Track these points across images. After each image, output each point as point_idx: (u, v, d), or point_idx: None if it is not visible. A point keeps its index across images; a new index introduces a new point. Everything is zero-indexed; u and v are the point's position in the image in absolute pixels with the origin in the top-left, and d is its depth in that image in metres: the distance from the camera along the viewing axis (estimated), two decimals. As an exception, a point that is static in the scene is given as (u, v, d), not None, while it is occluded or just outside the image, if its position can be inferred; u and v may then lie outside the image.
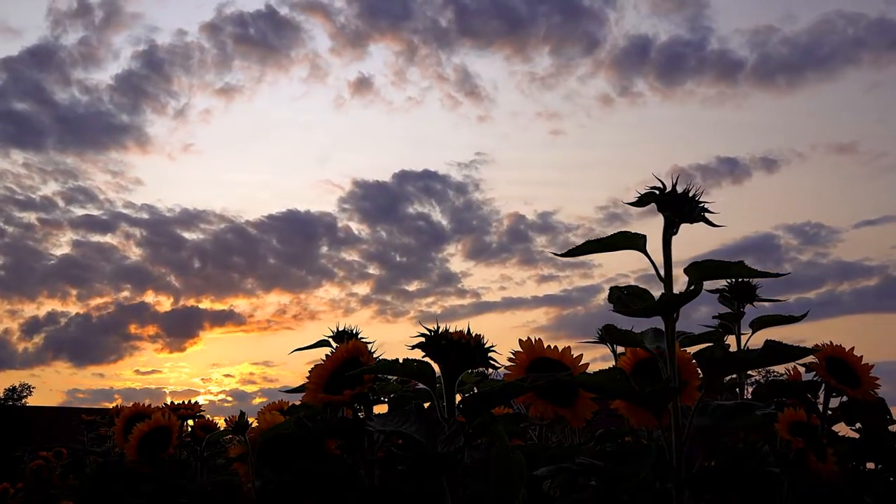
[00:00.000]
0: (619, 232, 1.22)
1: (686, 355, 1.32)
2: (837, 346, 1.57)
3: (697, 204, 1.19)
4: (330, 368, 1.44)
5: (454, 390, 1.23)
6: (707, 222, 1.20)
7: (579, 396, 1.35)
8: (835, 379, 1.54)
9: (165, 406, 2.51)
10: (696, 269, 1.20)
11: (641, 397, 1.21)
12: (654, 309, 1.20)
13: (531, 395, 1.34)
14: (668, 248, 1.20)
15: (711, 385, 1.24)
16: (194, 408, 2.56)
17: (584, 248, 1.25)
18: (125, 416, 2.33)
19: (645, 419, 1.32)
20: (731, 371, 1.29)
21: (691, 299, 1.19)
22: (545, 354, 1.36)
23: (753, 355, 1.23)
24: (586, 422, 1.38)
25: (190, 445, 2.45)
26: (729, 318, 1.89)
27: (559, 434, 2.33)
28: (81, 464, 3.73)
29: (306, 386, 1.45)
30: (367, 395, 1.45)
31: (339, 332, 1.73)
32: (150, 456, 2.13)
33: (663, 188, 1.19)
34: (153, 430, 2.16)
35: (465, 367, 1.23)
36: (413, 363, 1.26)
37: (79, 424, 4.27)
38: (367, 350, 1.45)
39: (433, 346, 1.22)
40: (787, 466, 1.47)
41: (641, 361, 1.40)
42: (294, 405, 1.71)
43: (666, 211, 1.20)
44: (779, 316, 1.80)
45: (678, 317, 1.21)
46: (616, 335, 1.38)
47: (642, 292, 1.27)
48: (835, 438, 1.64)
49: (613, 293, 1.27)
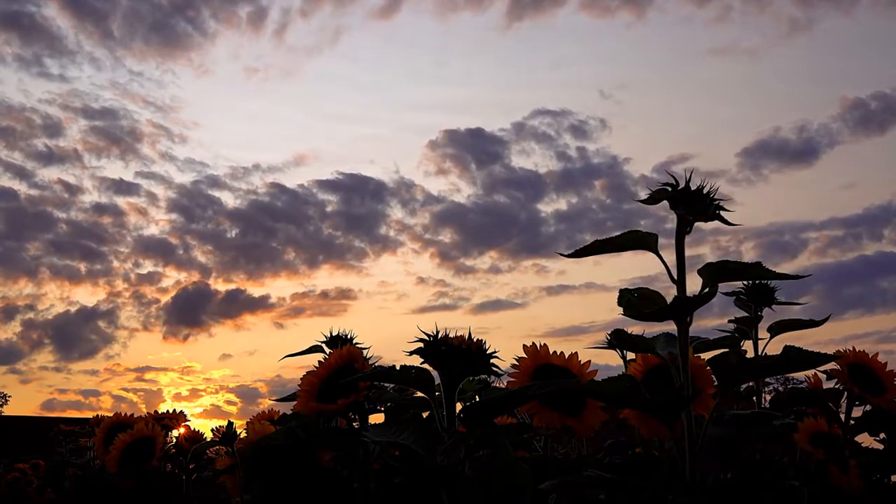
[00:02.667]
0: (629, 231, 1.22)
1: (700, 362, 1.32)
2: (860, 352, 1.57)
3: (713, 201, 1.19)
4: (323, 376, 1.45)
5: (454, 399, 1.23)
6: (722, 220, 1.20)
7: (587, 405, 1.35)
8: (858, 387, 1.54)
9: (149, 415, 2.51)
10: (710, 270, 1.21)
11: (653, 406, 1.21)
12: (666, 312, 1.20)
13: (536, 404, 1.34)
14: (680, 247, 1.20)
15: (727, 393, 1.24)
16: (179, 418, 2.56)
17: (592, 248, 1.25)
18: (106, 425, 2.33)
19: (656, 429, 1.32)
20: (747, 378, 1.29)
21: (706, 302, 1.19)
22: (551, 361, 1.36)
23: (771, 362, 1.24)
24: (594, 432, 1.38)
25: (175, 457, 2.46)
26: (745, 323, 1.89)
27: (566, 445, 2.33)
28: (60, 477, 3.73)
29: (297, 394, 1.45)
30: (362, 404, 1.45)
31: (332, 338, 1.73)
32: (132, 468, 2.14)
33: (676, 185, 1.19)
34: (136, 440, 2.16)
35: (466, 375, 1.23)
36: (411, 370, 1.26)
37: (57, 435, 4.27)
38: (363, 356, 1.45)
39: (432, 353, 1.22)
40: (807, 479, 1.47)
41: (653, 368, 1.40)
42: (285, 414, 1.71)
43: (679, 208, 1.20)
44: (799, 320, 1.80)
45: (692, 321, 1.21)
46: (626, 340, 1.38)
47: (654, 295, 1.27)
48: (857, 449, 1.64)
49: (623, 296, 1.27)
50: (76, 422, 4.44)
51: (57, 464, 3.91)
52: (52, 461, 4.12)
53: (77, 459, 3.75)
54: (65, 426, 4.30)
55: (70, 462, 3.70)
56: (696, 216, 1.20)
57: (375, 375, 1.34)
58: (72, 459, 3.83)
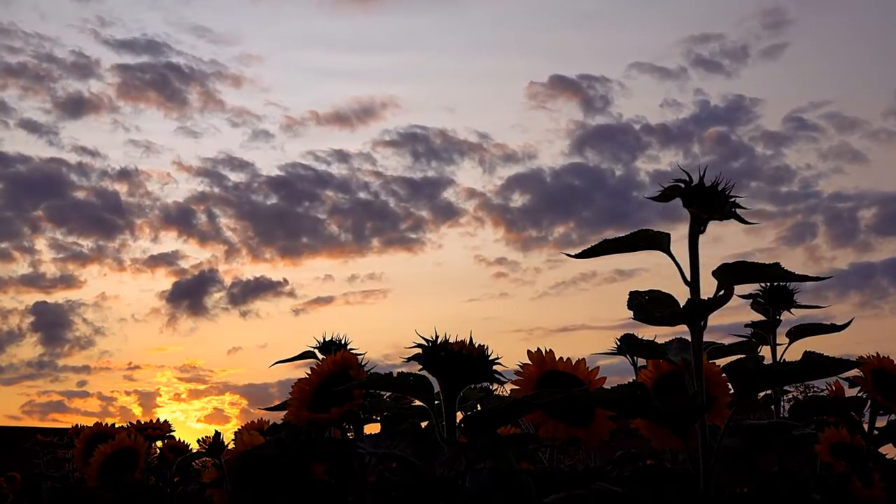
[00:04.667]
0: (639, 230, 1.22)
1: (715, 368, 1.32)
2: (884, 358, 1.57)
3: (728, 198, 1.18)
4: (315, 383, 1.44)
5: (455, 408, 1.22)
6: (738, 219, 1.20)
7: (595, 415, 1.35)
8: (882, 395, 1.54)
9: (132, 425, 2.51)
10: (726, 271, 1.20)
11: (665, 415, 1.20)
12: (679, 316, 1.20)
13: (541, 414, 1.33)
14: (694, 247, 1.20)
15: (743, 402, 1.23)
16: (163, 427, 2.56)
17: (601, 247, 1.25)
18: (85, 436, 2.33)
19: (669, 440, 1.31)
20: (765, 386, 1.28)
21: (721, 305, 1.18)
22: (557, 367, 1.36)
23: (790, 368, 1.23)
24: (603, 443, 1.37)
25: (159, 469, 2.45)
26: (763, 327, 1.89)
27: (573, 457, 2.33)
28: (37, 490, 3.73)
29: (289, 403, 1.45)
30: (357, 414, 1.45)
31: (325, 343, 1.72)
32: (113, 481, 2.13)
33: (689, 181, 1.18)
34: (117, 452, 2.16)
35: (467, 382, 1.22)
36: (409, 377, 1.25)
37: (34, 446, 4.26)
38: (357, 363, 1.45)
39: (431, 359, 1.21)
40: (828, 493, 1.47)
41: (665, 375, 1.39)
42: (275, 424, 1.71)
43: (692, 206, 1.19)
44: (819, 324, 1.79)
45: (706, 325, 1.21)
46: (636, 346, 1.38)
47: (666, 297, 1.26)
48: (882, 461, 1.64)
49: (634, 298, 1.26)
50: (54, 432, 4.44)
51: (34, 476, 3.91)
52: (29, 474, 4.12)
53: (55, 472, 3.75)
54: (42, 437, 4.30)
55: (48, 475, 3.69)
56: (710, 214, 1.19)
57: (371, 383, 1.34)
58: (49, 472, 3.82)
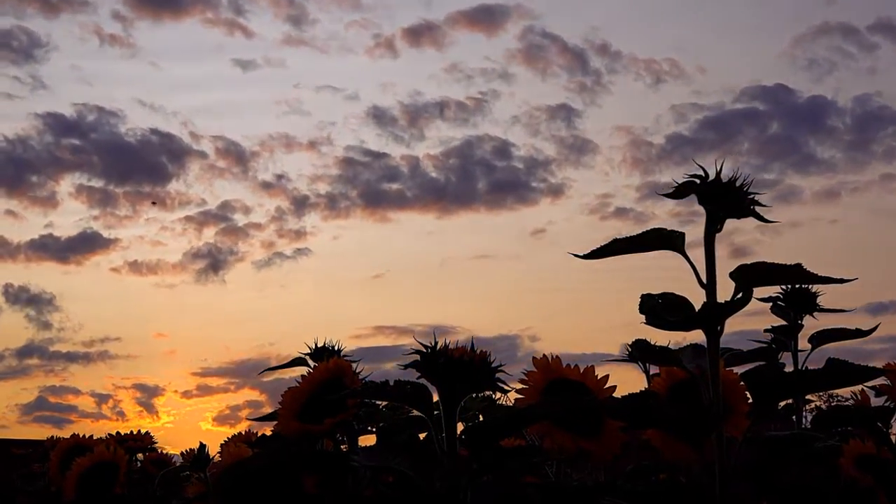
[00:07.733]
0: (651, 229, 1.22)
1: (732, 376, 1.32)
2: (913, 365, 1.57)
3: (746, 195, 1.19)
4: (307, 392, 1.44)
5: (455, 418, 1.23)
6: (757, 217, 1.20)
7: (605, 425, 1.35)
8: (910, 404, 1.54)
9: (111, 437, 2.52)
10: (744, 273, 1.20)
11: (678, 426, 1.21)
12: (694, 321, 1.20)
13: (547, 425, 1.34)
14: (710, 247, 1.20)
15: (763, 412, 1.24)
16: (145, 439, 2.57)
17: (611, 247, 1.25)
18: (62, 448, 2.34)
19: (683, 452, 1.32)
20: (785, 395, 1.29)
21: (739, 309, 1.19)
22: (564, 375, 1.36)
23: (813, 377, 1.24)
24: (613, 456, 1.38)
25: (140, 483, 2.46)
26: (783, 332, 1.89)
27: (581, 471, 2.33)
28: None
29: (278, 413, 1.45)
30: (351, 424, 1.45)
31: (317, 349, 1.73)
32: (91, 496, 2.14)
33: (705, 176, 1.19)
34: (95, 465, 2.16)
35: (468, 391, 1.23)
36: (406, 386, 1.26)
37: (7, 459, 4.27)
38: (352, 370, 1.45)
39: (430, 366, 1.22)
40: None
41: (679, 384, 1.40)
42: (264, 435, 1.71)
43: (708, 204, 1.20)
44: (844, 329, 1.80)
45: (723, 330, 1.21)
46: (648, 352, 1.38)
47: (680, 301, 1.27)
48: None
49: (646, 302, 1.27)
50: (28, 444, 4.44)
51: (7, 491, 3.91)
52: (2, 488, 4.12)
53: (29, 486, 3.75)
54: (16, 449, 4.30)
55: (22, 489, 3.70)
56: (727, 212, 1.20)
57: (366, 392, 1.34)
58: (24, 486, 3.82)
